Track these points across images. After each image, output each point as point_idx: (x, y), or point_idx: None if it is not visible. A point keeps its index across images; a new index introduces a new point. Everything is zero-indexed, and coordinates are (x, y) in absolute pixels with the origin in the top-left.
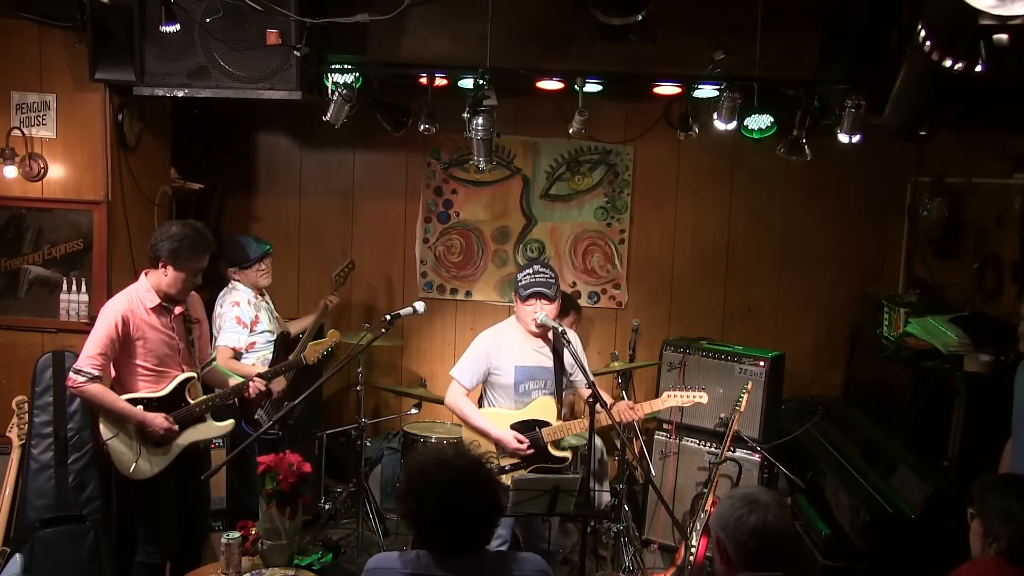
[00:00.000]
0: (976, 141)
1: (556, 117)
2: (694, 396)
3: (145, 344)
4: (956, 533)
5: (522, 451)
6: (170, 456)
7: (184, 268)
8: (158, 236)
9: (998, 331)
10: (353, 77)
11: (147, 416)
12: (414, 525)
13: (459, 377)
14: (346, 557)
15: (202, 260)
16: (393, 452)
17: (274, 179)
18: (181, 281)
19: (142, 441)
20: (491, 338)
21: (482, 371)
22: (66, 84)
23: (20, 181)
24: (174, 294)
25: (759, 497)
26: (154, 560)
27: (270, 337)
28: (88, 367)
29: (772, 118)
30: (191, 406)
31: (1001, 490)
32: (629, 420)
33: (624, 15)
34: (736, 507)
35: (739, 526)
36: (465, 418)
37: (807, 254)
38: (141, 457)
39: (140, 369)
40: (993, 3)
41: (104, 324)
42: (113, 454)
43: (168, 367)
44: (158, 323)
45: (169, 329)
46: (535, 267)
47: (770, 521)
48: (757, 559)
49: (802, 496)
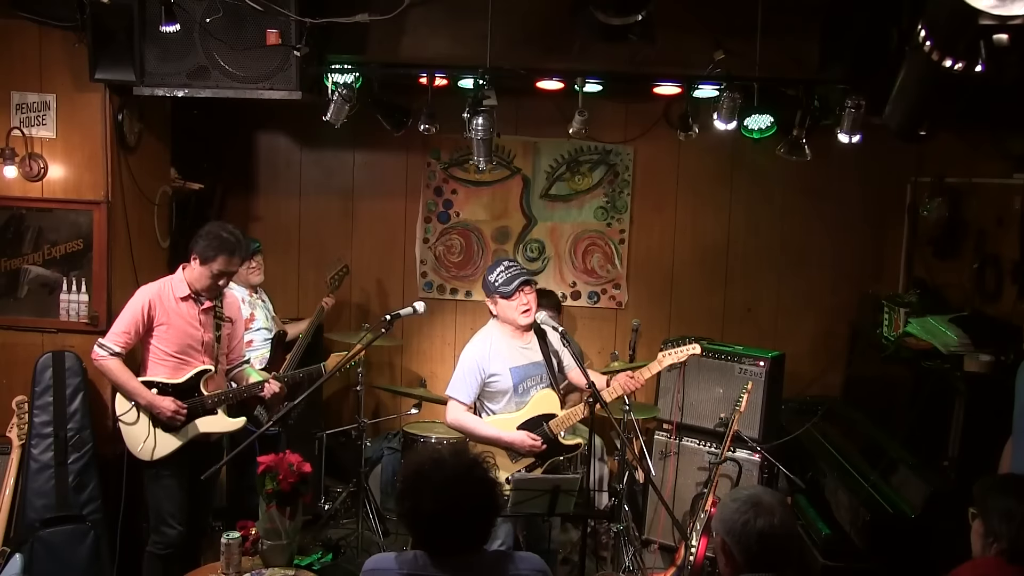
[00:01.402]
0: (976, 141)
1: (556, 117)
2: (688, 349)
3: (168, 330)
4: (956, 533)
5: (538, 448)
6: (178, 441)
7: (208, 264)
8: (199, 232)
9: (998, 331)
10: (353, 77)
11: (155, 399)
12: (411, 525)
13: (456, 395)
14: (346, 557)
15: (227, 263)
16: (393, 452)
17: (274, 179)
18: (205, 277)
19: (152, 422)
20: (479, 348)
21: (478, 383)
22: (66, 84)
23: (20, 181)
24: (199, 289)
25: (763, 500)
26: (162, 551)
27: (267, 335)
28: (111, 343)
29: (772, 118)
30: (203, 397)
31: (1002, 490)
32: (631, 389)
33: (624, 15)
34: (741, 511)
35: (745, 530)
36: (472, 432)
37: (807, 254)
38: (149, 437)
39: (161, 352)
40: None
41: (132, 306)
42: (123, 430)
43: (189, 356)
44: (184, 312)
45: (195, 319)
46: (504, 263)
47: (776, 525)
48: (763, 562)
49: (802, 496)
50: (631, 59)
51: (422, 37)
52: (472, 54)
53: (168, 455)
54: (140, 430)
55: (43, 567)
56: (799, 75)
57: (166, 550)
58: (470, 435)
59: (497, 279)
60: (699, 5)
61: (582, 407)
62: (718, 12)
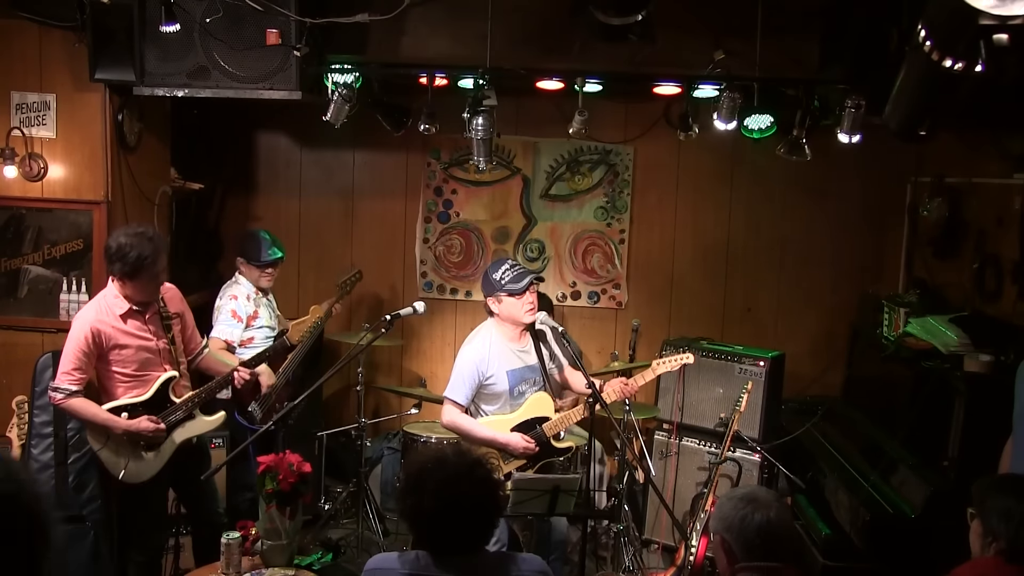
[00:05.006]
0: (976, 141)
1: (556, 117)
2: (681, 358)
3: (121, 352)
4: (956, 533)
5: (531, 450)
6: (163, 457)
7: (138, 278)
8: (106, 254)
9: (998, 331)
10: (353, 77)
11: (131, 424)
12: (413, 524)
13: (453, 396)
14: (346, 557)
15: (154, 265)
16: (393, 452)
17: (274, 179)
18: (142, 289)
19: (132, 446)
20: (476, 350)
21: (475, 386)
22: (66, 84)
23: (20, 181)
24: (141, 299)
25: (759, 496)
26: (144, 560)
27: (269, 333)
28: (65, 384)
29: (772, 118)
30: (177, 405)
31: (1000, 490)
32: (624, 396)
33: (624, 15)
34: (739, 507)
35: (744, 525)
36: (467, 433)
37: (807, 254)
38: (132, 461)
39: (120, 376)
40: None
41: (74, 340)
42: (104, 462)
43: (149, 370)
44: (132, 328)
45: (145, 332)
46: (508, 262)
47: (773, 518)
48: (763, 555)
49: (802, 496)
50: (631, 59)
51: (422, 37)
52: (472, 54)
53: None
54: (122, 460)
55: None
56: (799, 75)
57: (149, 557)
58: (465, 436)
59: (504, 277)
60: (699, 5)
61: (580, 409)
62: (718, 12)
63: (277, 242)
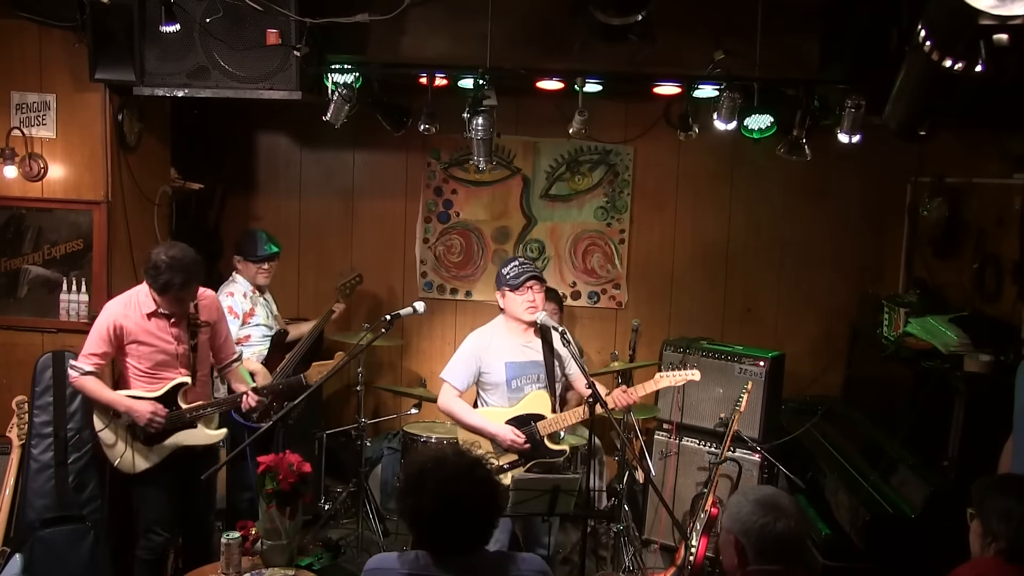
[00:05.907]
0: (976, 141)
1: (556, 117)
2: (687, 375)
3: (139, 348)
4: (956, 533)
5: (519, 445)
6: (159, 455)
7: (164, 297)
8: (147, 259)
9: (998, 331)
10: (353, 77)
11: (133, 404)
12: (413, 524)
13: (450, 379)
14: (346, 557)
15: (181, 291)
16: (393, 452)
17: (274, 179)
18: (166, 305)
19: (132, 436)
20: (479, 338)
21: (473, 371)
22: (66, 84)
23: (20, 181)
24: (166, 310)
25: (781, 503)
26: (149, 556)
27: (266, 332)
28: (82, 363)
29: (772, 118)
30: (181, 411)
31: (1000, 490)
32: (625, 404)
33: (624, 15)
34: (759, 512)
35: (764, 532)
36: (459, 419)
37: (807, 254)
38: (128, 450)
39: (135, 369)
40: (993, 3)
41: (97, 327)
42: (103, 444)
43: (164, 370)
44: (154, 328)
45: (167, 334)
46: (518, 259)
47: (794, 527)
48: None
49: (802, 496)
50: (631, 59)
51: (422, 37)
52: (472, 54)
53: (150, 468)
54: (120, 445)
55: (43, 567)
56: (799, 75)
57: (152, 555)
58: (457, 421)
59: (508, 272)
60: (699, 5)
61: (578, 411)
62: (718, 12)
63: (273, 238)
